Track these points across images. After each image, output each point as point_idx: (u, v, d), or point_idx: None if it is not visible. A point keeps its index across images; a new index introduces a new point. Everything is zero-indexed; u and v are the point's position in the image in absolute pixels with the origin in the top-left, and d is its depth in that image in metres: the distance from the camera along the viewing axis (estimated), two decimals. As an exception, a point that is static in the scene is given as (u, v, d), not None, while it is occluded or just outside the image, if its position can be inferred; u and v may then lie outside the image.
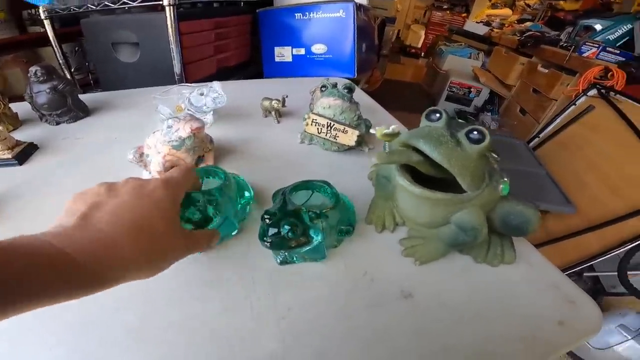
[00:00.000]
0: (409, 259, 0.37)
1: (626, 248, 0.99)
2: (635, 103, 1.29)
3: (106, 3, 0.80)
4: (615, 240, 1.04)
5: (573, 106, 1.55)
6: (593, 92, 1.48)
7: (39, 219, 0.34)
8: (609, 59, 1.57)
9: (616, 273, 1.03)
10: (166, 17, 0.78)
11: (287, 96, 0.63)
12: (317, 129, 0.50)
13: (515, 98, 2.28)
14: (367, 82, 2.18)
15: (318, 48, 1.18)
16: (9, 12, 1.00)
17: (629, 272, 1.02)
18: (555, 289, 0.35)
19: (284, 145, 0.58)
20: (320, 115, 0.49)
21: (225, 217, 0.36)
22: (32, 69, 0.60)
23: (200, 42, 0.94)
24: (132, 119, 0.67)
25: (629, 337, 0.91)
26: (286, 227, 0.29)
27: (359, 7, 1.12)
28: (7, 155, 0.50)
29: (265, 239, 0.30)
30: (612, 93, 1.40)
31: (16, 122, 0.65)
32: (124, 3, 0.79)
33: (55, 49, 0.93)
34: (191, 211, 0.32)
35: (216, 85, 0.57)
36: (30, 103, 0.63)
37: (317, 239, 0.33)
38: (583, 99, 1.51)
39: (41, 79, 0.61)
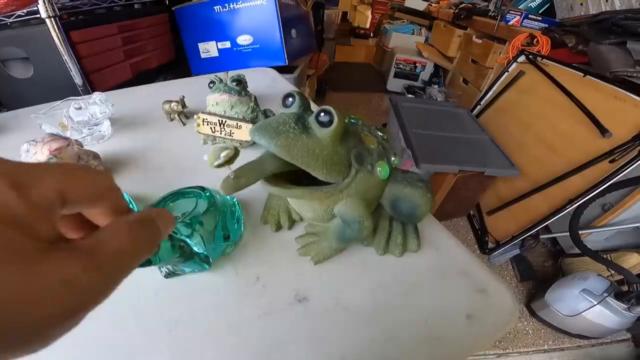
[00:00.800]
0: (305, 259, 0.35)
1: (574, 206, 1.01)
2: (560, 66, 1.35)
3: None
4: (561, 199, 1.07)
5: (506, 73, 1.62)
6: (522, 58, 1.54)
7: None
8: (533, 26, 1.65)
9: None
10: (49, 29, 0.70)
11: (183, 96, 0.58)
12: (210, 128, 0.47)
13: (457, 69, 2.35)
14: (312, 67, 2.14)
15: (244, 39, 1.12)
16: None
17: (582, 232, 1.04)
18: (465, 275, 0.33)
19: (186, 149, 0.54)
20: (210, 114, 0.46)
21: None
22: None
23: (103, 49, 0.86)
24: (17, 142, 0.60)
25: (595, 303, 0.90)
26: None
27: (279, -7, 1.08)
28: None
29: None
30: (539, 58, 1.46)
31: None
32: (0, 20, 0.70)
33: None
34: None
35: (96, 95, 0.52)
36: None
37: (196, 248, 0.31)
38: (514, 65, 1.58)
39: None
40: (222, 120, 0.46)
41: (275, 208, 0.39)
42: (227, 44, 1.14)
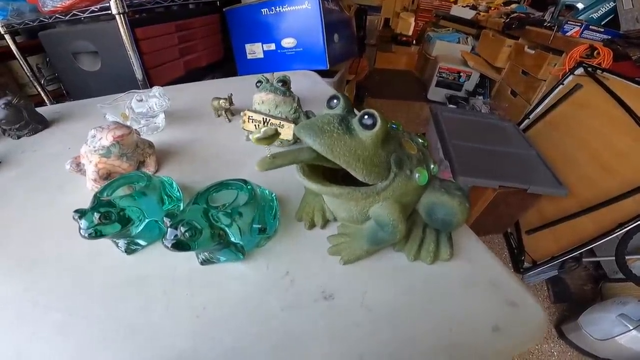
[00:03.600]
0: (335, 258, 0.35)
1: (623, 231, 0.94)
2: (622, 80, 1.25)
3: (57, 16, 0.80)
4: (611, 222, 0.99)
5: (561, 86, 1.52)
6: (580, 70, 1.44)
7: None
8: (594, 37, 1.53)
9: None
10: (117, 25, 0.77)
11: (231, 94, 0.61)
12: (255, 125, 0.49)
13: (505, 80, 2.24)
14: (352, 72, 2.15)
15: (288, 42, 1.16)
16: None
17: (629, 257, 0.97)
18: (496, 287, 0.32)
19: (230, 144, 0.57)
20: (255, 112, 0.48)
21: (148, 220, 0.36)
22: (-17, 87, 0.60)
23: (161, 47, 0.93)
24: (85, 129, 0.67)
25: (631, 328, 0.86)
26: (182, 228, 0.29)
27: (325, -2, 1.10)
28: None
29: (164, 241, 0.29)
30: (599, 71, 1.36)
31: (-17, 138, 0.66)
32: (74, 15, 0.78)
33: (20, 62, 0.93)
34: (108, 212, 0.32)
35: (155, 90, 0.56)
36: (-10, 120, 0.64)
37: (233, 238, 0.33)
38: (570, 78, 1.48)
39: (-7, 96, 0.61)
40: (266, 119, 0.48)
41: (310, 206, 0.40)
42: (272, 46, 1.18)
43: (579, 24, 1.54)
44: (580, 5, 1.67)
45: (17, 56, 0.91)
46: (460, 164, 1.24)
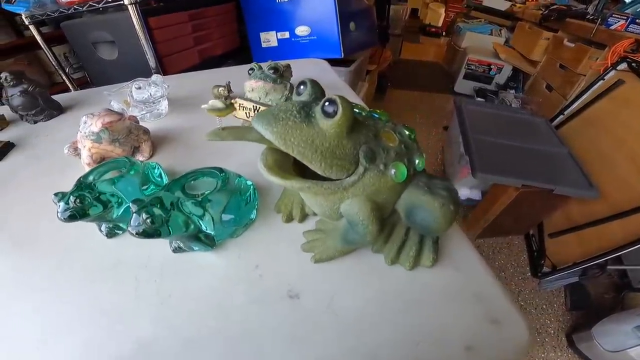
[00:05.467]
0: (307, 255, 0.34)
1: None
2: (671, 79, 1.12)
3: (76, 7, 0.83)
4: None
5: (601, 81, 1.40)
6: (623, 65, 1.32)
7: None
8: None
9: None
10: (130, 15, 0.79)
11: (229, 82, 0.61)
12: (246, 113, 0.48)
13: (541, 74, 2.08)
14: (374, 63, 2.08)
15: (302, 30, 1.14)
16: (2, 18, 1.07)
17: None
18: (479, 302, 0.29)
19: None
20: (246, 99, 0.47)
21: (127, 204, 0.36)
22: (2, 75, 0.63)
23: (175, 35, 0.94)
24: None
25: None
26: (144, 215, 0.28)
27: (341, -15, 1.06)
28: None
29: (129, 228, 0.29)
30: (644, 67, 1.23)
31: (3, 123, 0.70)
32: (91, 6, 0.81)
33: (46, 51, 0.98)
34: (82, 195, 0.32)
35: (154, 77, 0.57)
36: (8, 106, 0.67)
37: (205, 227, 0.32)
38: (612, 73, 1.36)
39: (11, 83, 0.64)
40: (256, 107, 0.46)
41: (289, 198, 0.38)
42: (286, 34, 1.17)
43: (625, 17, 1.40)
44: (627, -1, 1.52)
45: (42, 46, 0.96)
46: (480, 160, 1.17)
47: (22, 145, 0.61)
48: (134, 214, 0.29)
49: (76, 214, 0.32)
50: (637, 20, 1.37)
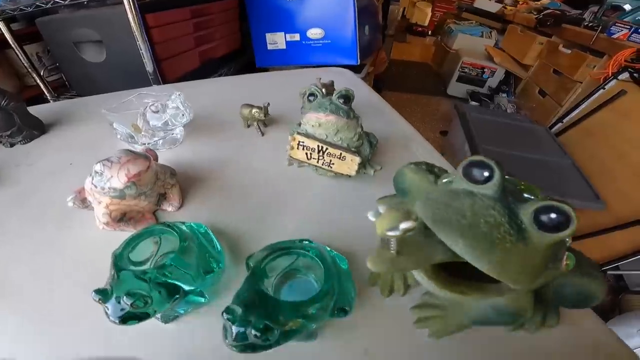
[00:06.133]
0: (421, 331, 0.28)
1: None
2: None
3: (56, 0, 0.68)
4: None
5: (602, 90, 1.41)
6: (624, 75, 1.33)
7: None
8: None
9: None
10: (125, 10, 0.65)
11: (268, 104, 0.50)
12: (306, 154, 0.39)
13: (533, 79, 2.10)
14: (372, 65, 2.01)
15: (314, 33, 1.04)
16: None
17: None
18: (595, 350, 0.28)
19: (268, 167, 0.47)
20: (308, 137, 0.37)
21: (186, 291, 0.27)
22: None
23: (175, 35, 0.81)
24: (88, 137, 0.56)
25: None
26: (254, 331, 0.20)
27: (359, -16, 0.97)
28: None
29: (228, 340, 0.20)
30: (647, 78, 1.25)
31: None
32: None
33: (16, 51, 0.81)
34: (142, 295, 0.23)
35: (175, 97, 0.45)
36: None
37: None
38: (613, 82, 1.37)
39: (-21, 98, 0.50)
40: (322, 147, 0.37)
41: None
42: (296, 37, 1.06)
43: (629, 27, 1.42)
44: (627, 7, 1.55)
45: (13, 45, 0.79)
46: (490, 173, 1.14)
47: (1, 179, 0.47)
48: (232, 326, 0.21)
49: (135, 316, 0.23)
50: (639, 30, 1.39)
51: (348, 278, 0.28)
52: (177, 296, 0.25)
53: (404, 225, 0.16)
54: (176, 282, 0.25)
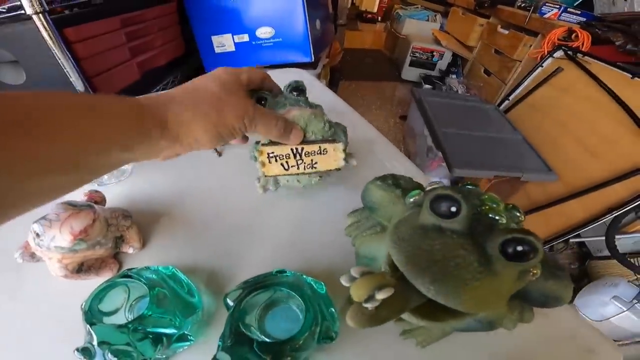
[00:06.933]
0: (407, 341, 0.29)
1: (612, 215, 0.96)
2: (605, 65, 1.24)
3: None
4: (601, 207, 1.01)
5: (540, 68, 1.50)
6: (559, 53, 1.43)
7: None
8: (571, 20, 1.54)
9: (602, 238, 1.01)
10: (37, 27, 0.57)
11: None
12: (282, 165, 0.35)
13: (478, 59, 2.21)
14: (327, 57, 1.99)
15: (264, 32, 0.99)
16: None
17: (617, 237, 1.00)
18: (572, 339, 0.31)
19: (230, 192, 0.43)
20: (275, 144, 0.34)
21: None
22: None
23: (104, 48, 0.73)
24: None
25: (624, 309, 0.91)
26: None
27: (304, -22, 0.93)
28: None
29: None
30: (579, 54, 1.35)
31: None
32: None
33: None
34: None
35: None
36: None
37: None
38: (549, 60, 1.47)
39: None
40: (297, 149, 0.34)
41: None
42: (245, 37, 1.00)
43: (558, 6, 1.52)
44: (556, -14, 1.65)
45: None
46: (453, 155, 1.18)
47: None
48: None
49: None
50: (568, 9, 1.49)
51: (329, 303, 0.27)
52: (160, 345, 0.24)
53: (380, 296, 0.16)
54: (157, 330, 0.24)
